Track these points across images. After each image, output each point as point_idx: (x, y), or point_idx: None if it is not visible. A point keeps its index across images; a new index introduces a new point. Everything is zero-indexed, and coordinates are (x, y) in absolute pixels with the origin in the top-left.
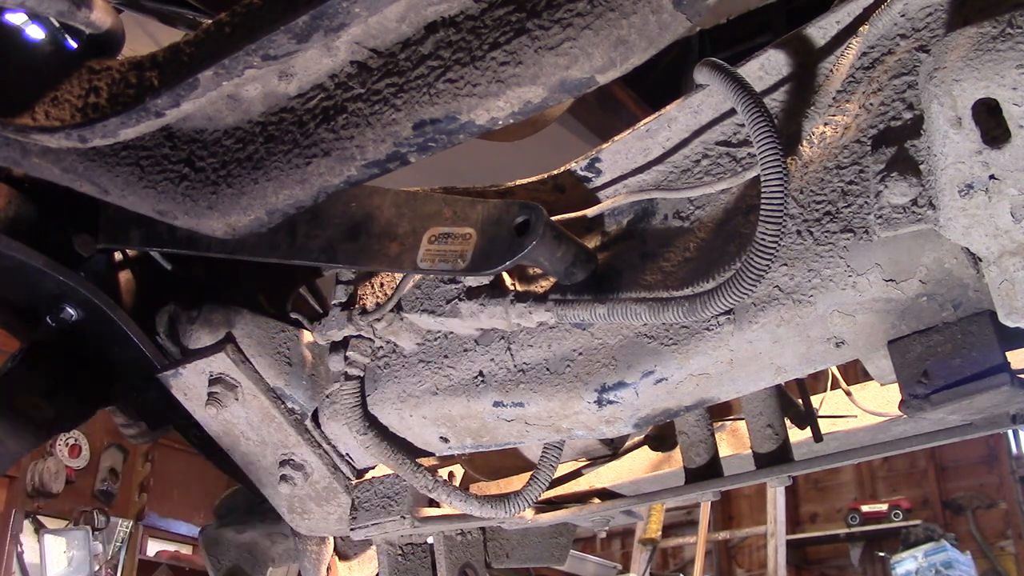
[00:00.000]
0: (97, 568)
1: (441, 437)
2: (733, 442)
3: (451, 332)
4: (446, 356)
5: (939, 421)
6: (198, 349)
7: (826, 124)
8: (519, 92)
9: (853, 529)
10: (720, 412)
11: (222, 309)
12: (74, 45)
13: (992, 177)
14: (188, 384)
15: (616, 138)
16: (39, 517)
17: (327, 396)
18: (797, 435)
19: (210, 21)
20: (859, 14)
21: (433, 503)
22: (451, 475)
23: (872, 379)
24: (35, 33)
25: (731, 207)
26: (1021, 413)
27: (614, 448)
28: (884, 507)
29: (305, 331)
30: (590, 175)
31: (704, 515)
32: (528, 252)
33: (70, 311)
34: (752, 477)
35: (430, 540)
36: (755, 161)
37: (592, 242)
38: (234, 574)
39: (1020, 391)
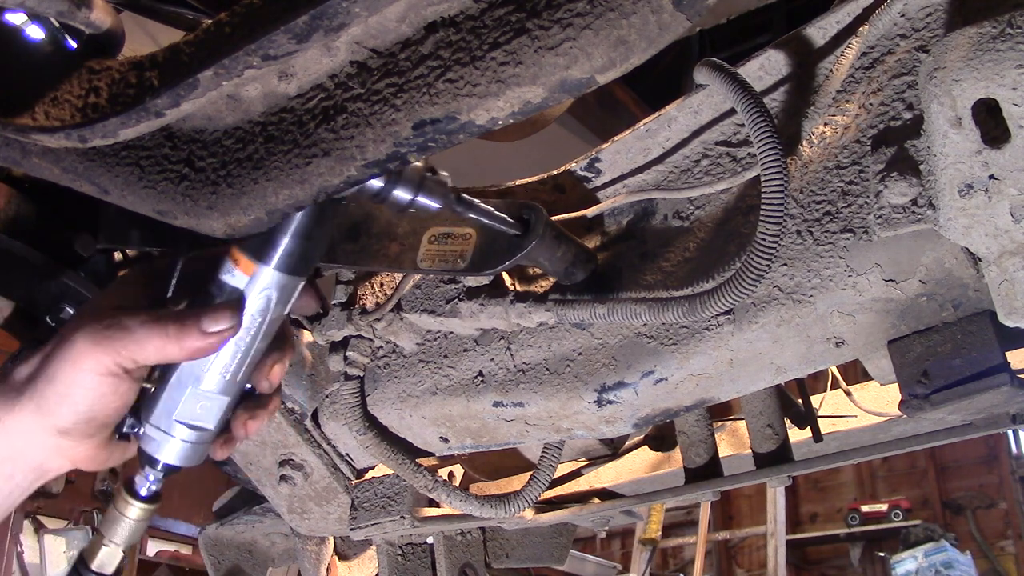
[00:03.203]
0: None
1: (441, 437)
2: (733, 442)
3: (451, 332)
4: (446, 356)
5: (939, 421)
6: None
7: (826, 124)
8: (519, 92)
9: (853, 529)
10: (720, 412)
11: None
12: (74, 45)
13: (992, 177)
14: None
15: (616, 138)
16: (39, 517)
17: (327, 396)
18: (797, 435)
19: (210, 21)
20: (859, 14)
21: (433, 503)
22: (451, 475)
23: (872, 379)
24: (35, 33)
25: (731, 207)
26: (1021, 413)
27: (614, 448)
28: (884, 507)
29: (305, 331)
30: (590, 175)
31: (704, 515)
32: (528, 252)
33: (70, 311)
34: (752, 477)
35: (430, 540)
36: (755, 161)
37: (592, 242)
38: (234, 574)
39: (1020, 391)
